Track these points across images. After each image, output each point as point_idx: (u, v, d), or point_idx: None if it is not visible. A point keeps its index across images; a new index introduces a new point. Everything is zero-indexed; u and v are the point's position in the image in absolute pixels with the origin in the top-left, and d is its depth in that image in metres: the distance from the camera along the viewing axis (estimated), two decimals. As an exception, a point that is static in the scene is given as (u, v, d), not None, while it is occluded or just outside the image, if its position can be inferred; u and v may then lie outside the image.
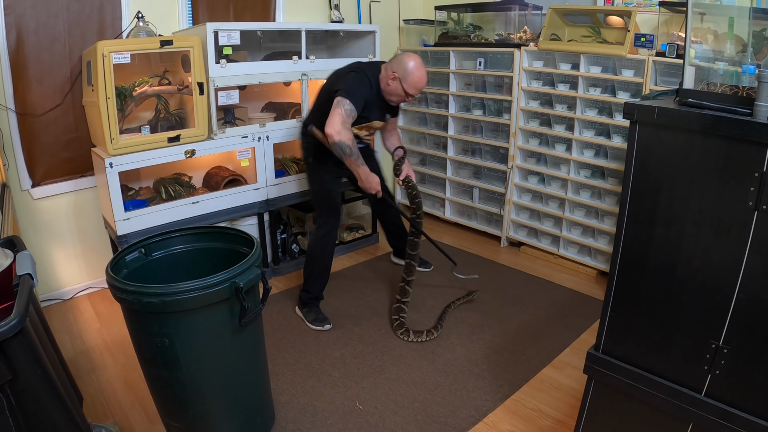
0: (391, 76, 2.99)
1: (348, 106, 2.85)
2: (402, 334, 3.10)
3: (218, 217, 3.52)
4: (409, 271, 3.37)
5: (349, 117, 2.86)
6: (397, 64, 2.99)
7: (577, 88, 3.74)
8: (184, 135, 3.31)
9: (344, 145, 2.86)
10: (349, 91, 2.87)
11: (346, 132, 2.84)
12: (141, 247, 2.28)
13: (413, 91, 3.00)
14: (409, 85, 2.98)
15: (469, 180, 4.64)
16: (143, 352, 2.08)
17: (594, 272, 3.91)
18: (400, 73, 2.97)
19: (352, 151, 2.88)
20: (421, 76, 2.98)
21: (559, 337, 3.13)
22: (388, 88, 3.02)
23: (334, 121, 2.82)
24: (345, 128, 2.84)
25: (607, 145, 3.69)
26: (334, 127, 2.82)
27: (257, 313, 2.13)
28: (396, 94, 3.03)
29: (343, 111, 2.84)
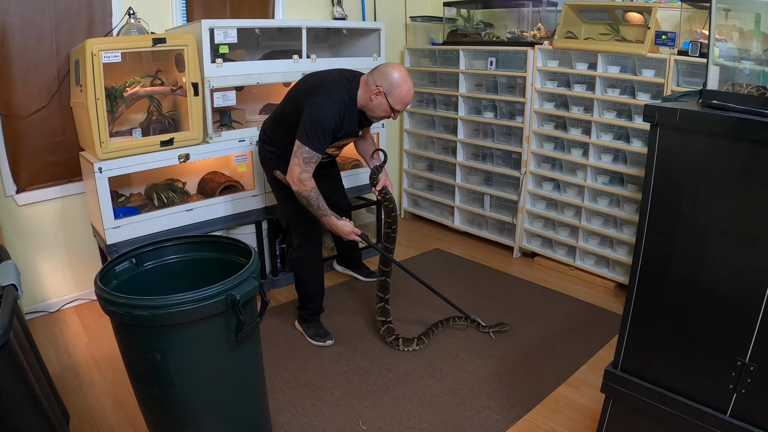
0: (375, 91, 2.83)
1: (307, 154, 2.79)
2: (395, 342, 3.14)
3: (214, 225, 3.53)
4: (386, 290, 3.28)
5: (309, 164, 2.81)
6: (380, 76, 2.84)
7: (594, 89, 3.74)
8: (178, 138, 3.32)
9: (302, 197, 2.88)
10: (310, 133, 2.78)
11: (308, 182, 2.83)
12: (132, 257, 2.28)
13: (400, 106, 2.87)
14: (395, 99, 2.84)
15: (480, 187, 4.64)
16: (134, 368, 2.08)
17: (612, 285, 3.90)
18: (385, 86, 2.83)
19: (313, 201, 2.87)
20: (408, 89, 2.85)
21: (574, 354, 3.12)
22: (370, 104, 2.88)
23: (292, 171, 2.83)
24: (305, 178, 2.82)
25: (626, 150, 3.69)
26: (292, 177, 2.84)
27: (255, 327, 2.13)
28: (380, 110, 2.89)
29: (301, 160, 2.80)
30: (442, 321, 3.35)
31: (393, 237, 3.26)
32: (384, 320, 3.23)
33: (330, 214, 2.94)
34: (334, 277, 4.08)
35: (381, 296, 3.27)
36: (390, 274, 3.27)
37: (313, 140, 2.78)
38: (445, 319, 3.37)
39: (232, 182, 3.70)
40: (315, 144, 2.79)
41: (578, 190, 4.02)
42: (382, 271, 3.26)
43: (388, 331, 3.20)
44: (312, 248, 3.22)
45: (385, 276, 3.26)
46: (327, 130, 2.80)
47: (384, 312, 3.26)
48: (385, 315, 3.25)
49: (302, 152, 2.80)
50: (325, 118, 2.79)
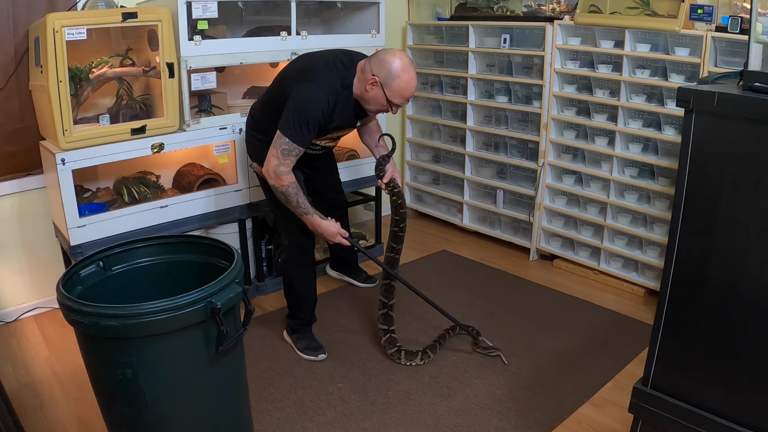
0: (371, 81, 2.80)
1: (286, 146, 2.78)
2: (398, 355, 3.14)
3: (191, 224, 3.53)
4: (390, 295, 3.27)
5: (288, 157, 2.81)
6: (378, 64, 2.80)
7: (621, 70, 3.74)
8: (151, 126, 3.31)
9: (279, 192, 2.88)
10: (292, 123, 2.77)
11: (286, 176, 2.82)
12: (99, 260, 2.28)
13: (399, 100, 2.83)
14: (393, 92, 2.80)
15: (492, 180, 4.64)
16: (101, 385, 2.08)
17: (641, 291, 3.91)
18: (382, 77, 2.78)
19: (291, 198, 2.87)
20: (409, 81, 2.80)
21: (599, 369, 3.12)
22: (366, 96, 2.85)
23: (269, 163, 2.83)
24: (282, 172, 2.82)
25: (658, 139, 3.69)
26: (269, 170, 2.84)
27: (238, 339, 2.12)
28: (376, 103, 2.86)
29: (279, 152, 2.80)
30: (449, 330, 3.35)
31: (400, 236, 3.24)
32: (386, 329, 3.23)
33: (312, 212, 2.93)
34: (328, 282, 4.08)
35: (384, 301, 3.26)
36: (397, 276, 3.27)
37: (295, 131, 2.78)
38: (451, 327, 3.37)
39: (212, 175, 3.69)
40: (296, 136, 2.78)
41: (603, 184, 4.02)
42: (387, 273, 3.26)
43: (390, 342, 3.20)
44: (303, 250, 3.22)
45: (390, 279, 3.26)
46: (312, 121, 2.79)
47: (387, 319, 3.25)
48: (388, 323, 3.25)
49: (281, 143, 2.79)
50: (311, 107, 2.77)
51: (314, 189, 3.42)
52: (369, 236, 4.65)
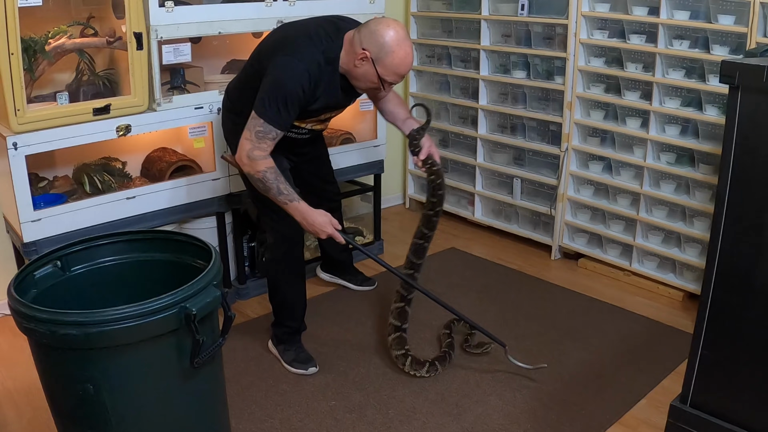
0: (360, 55, 2.78)
1: (261, 128, 2.79)
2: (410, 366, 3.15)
3: (162, 217, 3.53)
4: (411, 287, 3.30)
5: (264, 141, 2.80)
6: (368, 36, 2.77)
7: (656, 41, 3.73)
8: (116, 105, 3.31)
9: (255, 180, 2.87)
10: (268, 102, 2.78)
11: (261, 161, 2.82)
12: (56, 259, 2.28)
13: (392, 77, 2.83)
14: (386, 69, 2.79)
15: (508, 168, 4.64)
16: (59, 403, 2.08)
17: (680, 295, 3.91)
18: (374, 51, 2.76)
19: (270, 184, 2.85)
20: (404, 56, 2.79)
21: (631, 385, 3.12)
22: (354, 72, 2.85)
23: (242, 147, 2.83)
24: (257, 156, 2.81)
25: (698, 120, 3.68)
26: (241, 155, 2.85)
27: (216, 350, 2.12)
28: (366, 81, 2.86)
29: (253, 135, 2.79)
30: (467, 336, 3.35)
31: (434, 222, 3.25)
32: (398, 325, 3.24)
33: (296, 198, 2.90)
34: (319, 285, 4.08)
35: (404, 294, 3.29)
36: (420, 268, 3.28)
37: (271, 111, 2.77)
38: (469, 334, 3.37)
39: (186, 162, 3.69)
40: (273, 116, 2.78)
41: (636, 172, 4.01)
42: (411, 263, 3.27)
43: (399, 342, 3.21)
44: (290, 248, 3.22)
45: (413, 270, 3.27)
46: (291, 99, 2.78)
47: (401, 316, 3.27)
48: (402, 319, 3.26)
49: (256, 125, 2.79)
50: (289, 84, 2.77)
51: (302, 179, 3.42)
52: (367, 232, 4.65)
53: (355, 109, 4.35)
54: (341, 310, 3.79)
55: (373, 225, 4.58)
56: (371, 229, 4.62)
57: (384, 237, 4.62)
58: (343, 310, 3.79)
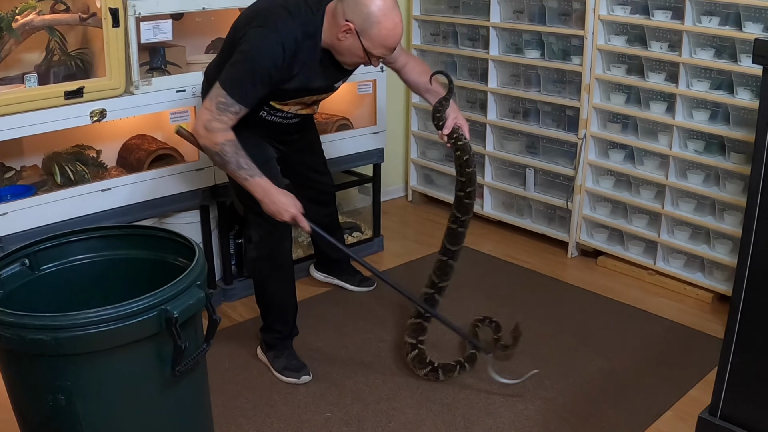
0: (344, 27, 2.78)
1: (224, 99, 2.78)
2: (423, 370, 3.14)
3: (141, 211, 3.53)
4: (444, 274, 3.31)
5: (224, 114, 2.79)
6: (352, 7, 2.76)
7: (682, 17, 3.72)
8: (90, 88, 3.30)
9: (212, 153, 2.87)
10: (233, 73, 2.79)
11: (219, 133, 2.81)
12: (24, 257, 2.27)
13: (380, 50, 2.83)
14: (373, 42, 2.79)
15: (521, 157, 4.64)
16: (27, 415, 2.07)
17: (709, 297, 3.91)
18: (358, 22, 2.75)
19: (229, 158, 2.83)
20: (393, 27, 2.78)
21: (655, 395, 3.12)
22: (338, 46, 2.86)
23: (200, 117, 2.85)
24: (215, 128, 2.80)
25: (729, 104, 3.68)
26: (198, 125, 2.84)
27: (199, 356, 2.12)
28: (352, 55, 2.87)
29: (214, 106, 2.79)
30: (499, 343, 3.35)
31: (467, 204, 3.21)
32: (421, 312, 3.27)
33: (257, 174, 2.87)
34: (312, 284, 4.08)
35: (435, 281, 3.31)
36: (457, 255, 3.27)
37: (235, 84, 2.77)
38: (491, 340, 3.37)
39: (167, 150, 3.68)
40: (236, 89, 2.77)
41: (660, 162, 4.01)
42: (445, 249, 3.27)
43: (416, 331, 3.23)
44: (276, 245, 3.21)
45: (449, 257, 3.27)
46: (260, 73, 2.78)
47: (429, 300, 3.31)
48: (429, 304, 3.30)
49: (218, 95, 2.78)
50: (259, 57, 2.77)
51: (292, 170, 3.42)
52: (365, 227, 4.65)
53: (352, 93, 4.34)
54: (337, 313, 3.79)
55: (372, 219, 4.58)
56: (370, 224, 4.61)
57: (384, 233, 4.62)
58: (339, 313, 3.79)
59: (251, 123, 3.04)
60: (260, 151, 3.12)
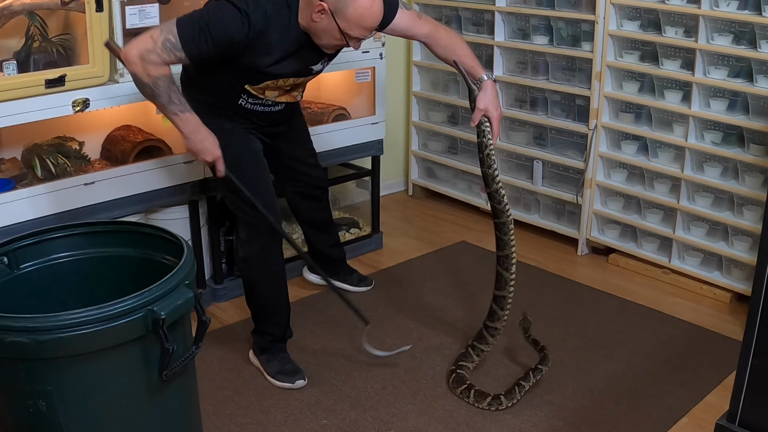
0: (318, 7, 2.76)
1: (171, 37, 2.72)
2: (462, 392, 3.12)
3: (126, 206, 3.53)
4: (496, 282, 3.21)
5: (166, 53, 2.73)
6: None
7: (699, 1, 3.72)
8: (72, 76, 3.30)
9: (143, 84, 2.78)
10: (191, 22, 2.74)
11: (153, 67, 2.74)
12: (2, 255, 2.28)
13: (358, 31, 2.81)
14: (349, 22, 2.77)
15: (528, 149, 4.64)
16: (6, 422, 2.07)
17: (727, 296, 3.91)
18: (332, 1, 2.75)
19: (160, 91, 2.78)
20: (368, 4, 2.76)
21: (670, 400, 3.12)
22: (314, 27, 2.84)
23: (139, 42, 2.74)
24: (152, 60, 2.73)
25: (748, 93, 3.68)
26: (132, 52, 2.73)
27: (188, 360, 2.12)
28: (329, 37, 2.85)
29: (161, 40, 2.72)
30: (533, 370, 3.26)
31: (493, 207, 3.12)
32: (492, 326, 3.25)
33: (187, 110, 2.84)
34: (306, 284, 4.08)
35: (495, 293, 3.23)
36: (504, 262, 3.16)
37: (186, 29, 2.72)
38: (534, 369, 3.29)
39: (153, 142, 3.68)
40: (188, 38, 2.72)
41: (675, 154, 4.01)
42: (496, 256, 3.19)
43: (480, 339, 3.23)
44: (266, 243, 3.22)
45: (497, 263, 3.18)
46: (215, 30, 2.72)
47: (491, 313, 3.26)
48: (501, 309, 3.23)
49: (169, 32, 2.72)
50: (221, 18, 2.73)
51: (281, 163, 3.44)
52: (363, 223, 4.65)
53: (350, 81, 4.34)
54: (333, 314, 3.79)
55: (370, 215, 4.58)
56: (368, 220, 4.61)
57: (383, 229, 4.62)
58: (335, 315, 3.79)
59: (235, 114, 3.07)
60: (245, 143, 3.15)
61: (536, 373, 3.14)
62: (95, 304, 1.91)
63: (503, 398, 3.05)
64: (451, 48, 3.23)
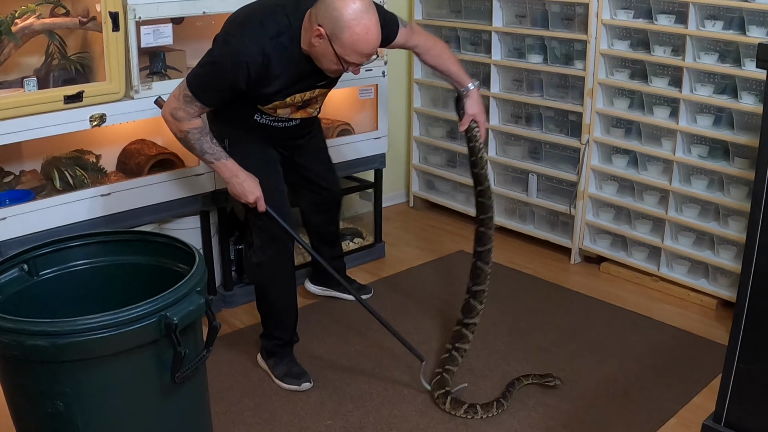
0: (316, 32, 2.72)
1: (188, 93, 2.86)
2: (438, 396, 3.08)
3: (141, 217, 3.53)
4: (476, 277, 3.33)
5: (191, 106, 2.88)
6: (323, 11, 2.70)
7: (686, 21, 3.73)
8: (90, 92, 3.31)
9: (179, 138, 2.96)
10: (198, 77, 2.86)
11: (185, 122, 2.91)
12: (23, 262, 2.28)
13: (354, 57, 2.76)
14: (344, 48, 2.72)
15: (523, 162, 4.64)
16: (25, 422, 2.07)
17: (713, 303, 3.90)
18: (328, 26, 2.69)
19: (194, 144, 2.95)
20: (364, 31, 2.69)
21: (659, 402, 3.12)
22: (314, 51, 2.81)
23: (168, 103, 2.94)
24: (180, 117, 2.90)
25: (733, 108, 3.68)
26: (166, 113, 2.93)
27: (199, 363, 2.12)
28: (326, 61, 2.81)
29: (182, 97, 2.87)
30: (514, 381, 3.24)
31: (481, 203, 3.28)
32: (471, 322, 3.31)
33: (223, 157, 2.97)
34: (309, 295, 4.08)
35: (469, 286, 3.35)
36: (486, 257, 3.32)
37: (198, 84, 2.85)
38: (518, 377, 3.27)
39: (167, 155, 3.69)
40: (199, 89, 2.85)
41: (664, 167, 4.01)
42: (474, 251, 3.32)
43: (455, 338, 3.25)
44: (278, 250, 3.21)
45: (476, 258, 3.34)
46: (223, 81, 2.83)
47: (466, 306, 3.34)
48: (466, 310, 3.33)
49: (184, 87, 2.87)
50: (223, 66, 2.82)
51: (299, 175, 3.46)
52: (366, 233, 4.65)
53: (353, 98, 4.35)
54: (337, 320, 3.79)
55: (373, 225, 4.58)
56: (371, 230, 4.61)
57: (386, 239, 4.62)
58: (338, 320, 3.79)
59: (253, 128, 3.09)
60: (262, 154, 3.17)
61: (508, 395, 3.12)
62: (111, 310, 1.91)
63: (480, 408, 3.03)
64: (440, 57, 3.28)
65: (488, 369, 3.35)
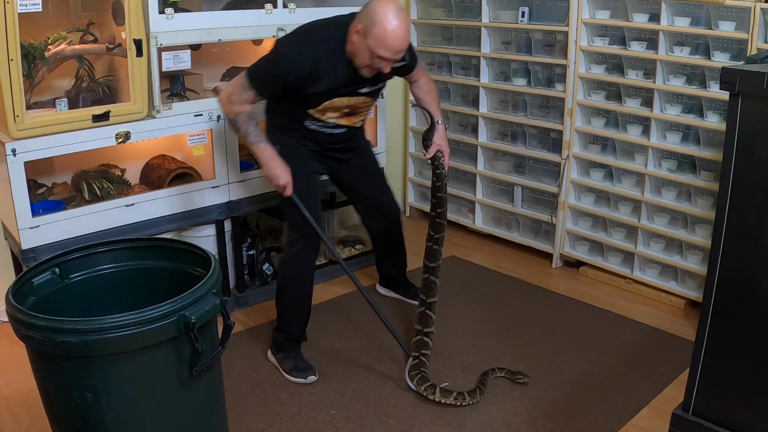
0: (355, 30, 2.87)
1: (245, 83, 3.00)
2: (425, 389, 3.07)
3: (162, 225, 3.53)
4: (429, 290, 3.33)
5: (246, 92, 3.01)
6: (363, 12, 2.88)
7: (656, 48, 3.74)
8: (115, 112, 3.31)
9: (228, 117, 3.11)
10: (258, 70, 3.01)
11: (237, 106, 3.03)
12: (54, 266, 2.28)
13: (384, 51, 2.82)
14: (376, 41, 2.80)
15: (509, 175, 4.64)
16: (56, 411, 2.07)
17: (681, 303, 3.90)
18: (365, 22, 2.83)
19: (240, 125, 3.04)
20: (395, 28, 2.79)
21: (632, 393, 3.12)
22: (352, 48, 2.92)
23: (227, 87, 3.10)
24: (235, 101, 3.03)
25: (699, 126, 3.68)
26: (223, 95, 3.08)
27: (215, 358, 2.12)
28: (361, 56, 2.90)
29: (239, 87, 3.01)
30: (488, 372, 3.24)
31: (438, 224, 3.35)
32: (419, 329, 3.28)
33: (263, 141, 3.05)
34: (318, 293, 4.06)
35: (423, 298, 3.33)
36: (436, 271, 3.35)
37: (256, 76, 2.99)
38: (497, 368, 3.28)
39: (185, 169, 3.69)
40: (256, 81, 2.99)
41: (637, 180, 4.01)
42: (426, 266, 3.36)
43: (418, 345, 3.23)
44: (303, 249, 3.23)
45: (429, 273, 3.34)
46: (279, 74, 2.97)
47: (423, 317, 3.31)
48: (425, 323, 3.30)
49: (243, 77, 3.02)
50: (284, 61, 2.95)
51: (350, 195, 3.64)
52: (367, 240, 4.64)
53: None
54: (341, 318, 3.79)
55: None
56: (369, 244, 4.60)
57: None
58: (343, 318, 3.79)
59: (302, 136, 3.19)
60: (304, 162, 3.23)
61: None
62: (135, 310, 1.91)
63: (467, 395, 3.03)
64: (429, 93, 3.44)
65: (477, 363, 3.34)
